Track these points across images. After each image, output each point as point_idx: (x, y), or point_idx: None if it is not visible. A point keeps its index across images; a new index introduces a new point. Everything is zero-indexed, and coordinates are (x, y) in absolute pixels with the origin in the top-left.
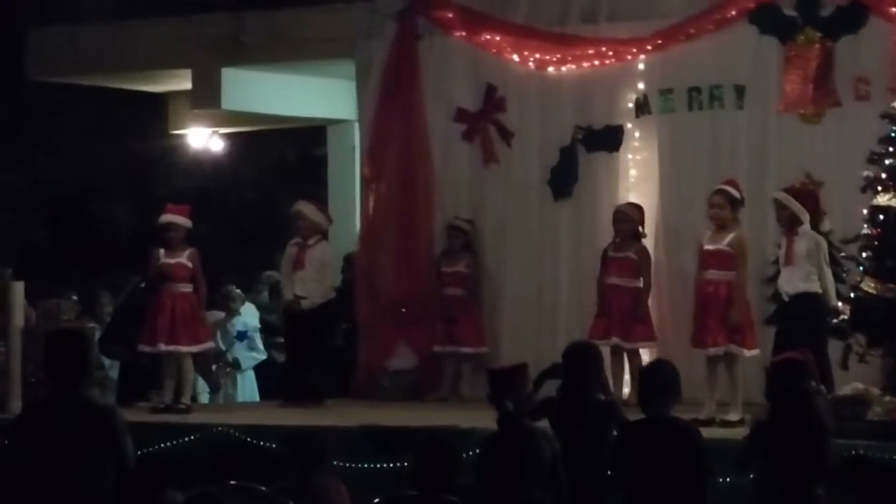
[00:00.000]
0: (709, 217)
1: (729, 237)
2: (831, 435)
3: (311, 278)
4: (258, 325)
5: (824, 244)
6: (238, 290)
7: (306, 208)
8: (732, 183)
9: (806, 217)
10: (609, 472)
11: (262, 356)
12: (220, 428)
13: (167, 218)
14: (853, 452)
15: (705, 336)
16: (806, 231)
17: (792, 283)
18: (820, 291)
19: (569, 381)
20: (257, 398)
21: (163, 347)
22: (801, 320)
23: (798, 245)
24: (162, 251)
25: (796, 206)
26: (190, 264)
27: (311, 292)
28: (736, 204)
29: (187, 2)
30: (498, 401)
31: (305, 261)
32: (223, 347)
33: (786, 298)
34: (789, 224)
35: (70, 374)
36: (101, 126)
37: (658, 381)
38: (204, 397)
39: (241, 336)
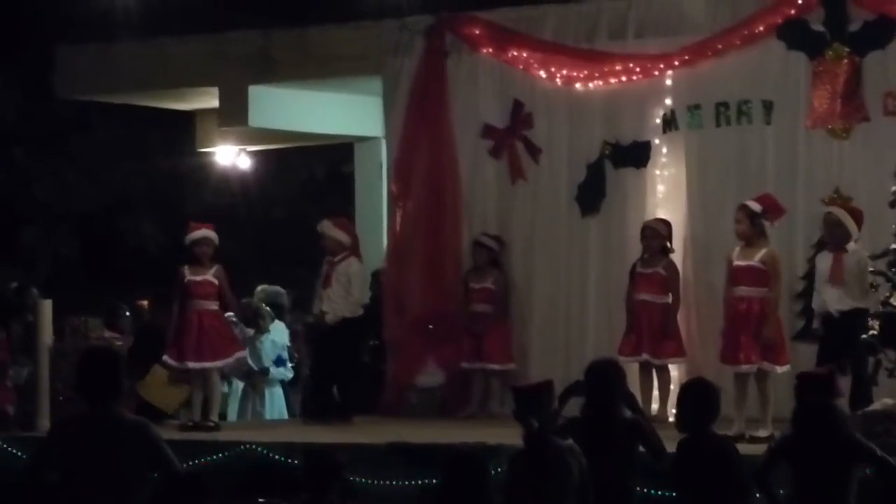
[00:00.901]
0: (735, 233)
1: (760, 253)
2: (863, 448)
3: (338, 295)
4: (287, 343)
5: (868, 260)
6: (267, 308)
7: (325, 227)
8: (763, 199)
9: (857, 234)
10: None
11: (290, 374)
12: (248, 446)
13: (201, 233)
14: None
15: (738, 353)
16: (855, 249)
17: (841, 300)
18: (867, 308)
19: (592, 399)
20: (286, 415)
21: (190, 364)
22: (850, 337)
23: (847, 262)
24: (187, 269)
25: (850, 224)
26: (216, 281)
27: (336, 307)
28: (755, 218)
29: (215, 20)
30: (523, 418)
31: (332, 278)
32: (254, 366)
33: (835, 315)
34: (839, 241)
35: (102, 391)
36: (130, 144)
37: (700, 399)
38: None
39: (280, 362)
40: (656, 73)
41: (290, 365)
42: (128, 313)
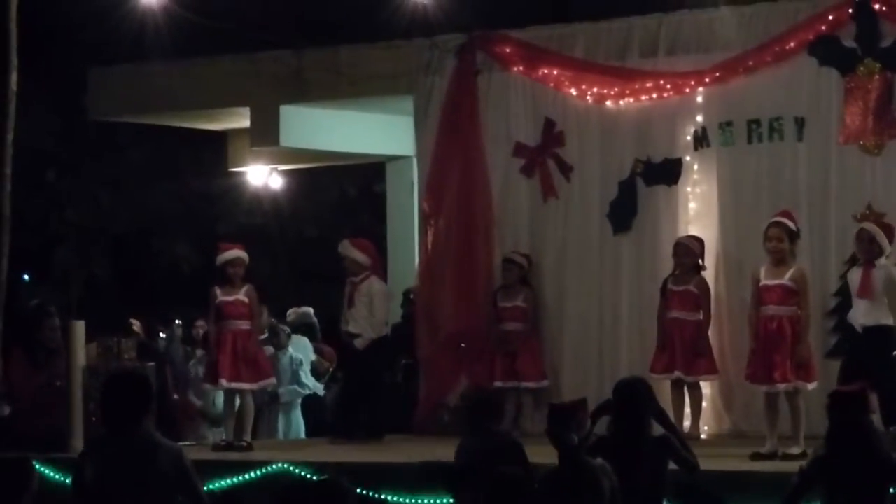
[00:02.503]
0: (766, 250)
1: (790, 272)
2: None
3: (361, 315)
4: (308, 359)
5: None
6: (284, 326)
7: (345, 247)
8: (788, 214)
9: (888, 249)
10: None
11: (306, 391)
12: (281, 465)
13: (232, 254)
14: None
15: (772, 372)
16: (884, 264)
17: (868, 315)
18: (893, 325)
19: (621, 418)
20: (302, 434)
21: (225, 385)
22: (875, 353)
23: (876, 277)
24: (218, 290)
25: (883, 239)
26: (247, 300)
27: (363, 329)
28: (794, 236)
29: (247, 40)
30: (560, 436)
31: (356, 298)
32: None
33: (860, 330)
34: (870, 256)
35: (131, 415)
36: (162, 164)
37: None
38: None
39: (296, 380)
40: (687, 90)
41: (309, 382)
42: (162, 335)
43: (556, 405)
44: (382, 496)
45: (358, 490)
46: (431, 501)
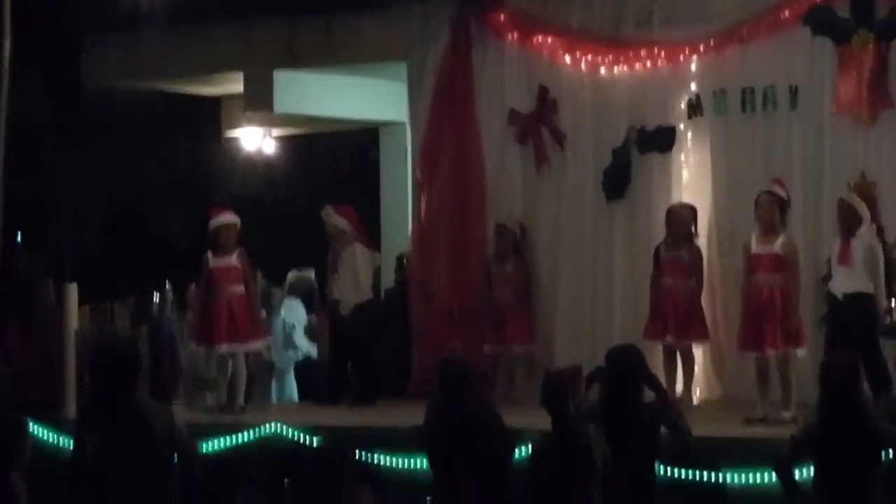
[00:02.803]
0: (757, 219)
1: (780, 240)
2: (891, 438)
3: (343, 281)
4: (301, 322)
5: (880, 245)
6: (277, 289)
7: (326, 213)
8: (780, 183)
9: (867, 218)
10: None
11: (299, 355)
12: (274, 428)
13: (225, 219)
14: None
15: (762, 339)
16: (864, 232)
17: (847, 282)
18: (873, 293)
19: (612, 386)
20: (295, 398)
21: (220, 348)
22: (856, 320)
23: (856, 246)
24: (210, 255)
25: (863, 208)
26: (239, 265)
27: (346, 296)
28: (784, 206)
29: (241, 6)
30: (555, 404)
31: (339, 265)
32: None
33: (840, 297)
34: (850, 225)
35: (121, 389)
36: (155, 129)
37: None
38: None
39: (289, 343)
40: (682, 58)
41: (302, 345)
42: (156, 300)
43: (552, 372)
44: (376, 460)
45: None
46: (424, 467)
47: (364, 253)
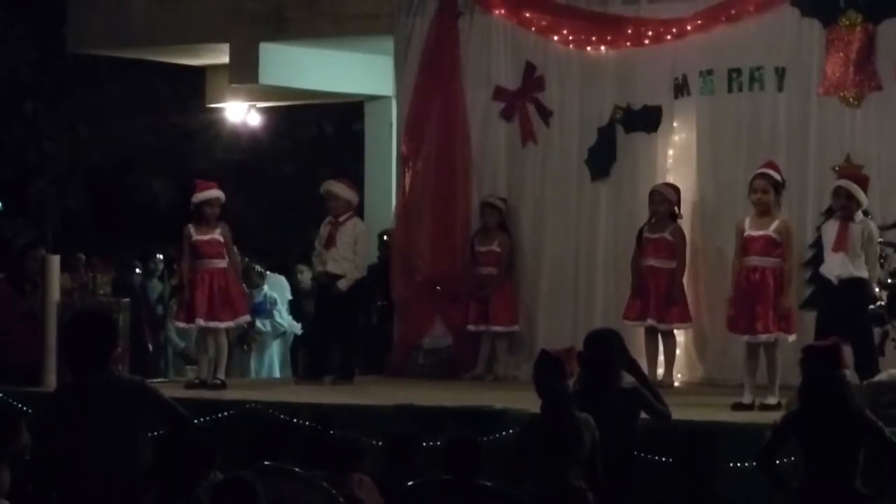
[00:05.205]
0: (751, 202)
1: (775, 223)
2: (871, 426)
3: (344, 256)
4: (284, 298)
5: (876, 231)
6: (256, 266)
7: (336, 187)
8: (773, 165)
9: (865, 203)
10: None
11: (280, 330)
12: (254, 404)
13: (211, 193)
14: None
15: (753, 322)
16: (863, 219)
17: (842, 268)
18: (867, 277)
19: (590, 369)
20: (276, 373)
21: (201, 323)
22: (851, 305)
23: (854, 231)
24: (192, 228)
25: (861, 195)
26: (222, 239)
27: (346, 270)
28: (779, 188)
29: None
30: (547, 384)
31: (338, 238)
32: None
33: (835, 282)
34: (848, 212)
35: (93, 357)
36: (140, 98)
37: None
38: None
39: (260, 309)
40: (669, 37)
41: (284, 321)
42: (138, 270)
43: (547, 352)
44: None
45: (330, 431)
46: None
47: (364, 227)
